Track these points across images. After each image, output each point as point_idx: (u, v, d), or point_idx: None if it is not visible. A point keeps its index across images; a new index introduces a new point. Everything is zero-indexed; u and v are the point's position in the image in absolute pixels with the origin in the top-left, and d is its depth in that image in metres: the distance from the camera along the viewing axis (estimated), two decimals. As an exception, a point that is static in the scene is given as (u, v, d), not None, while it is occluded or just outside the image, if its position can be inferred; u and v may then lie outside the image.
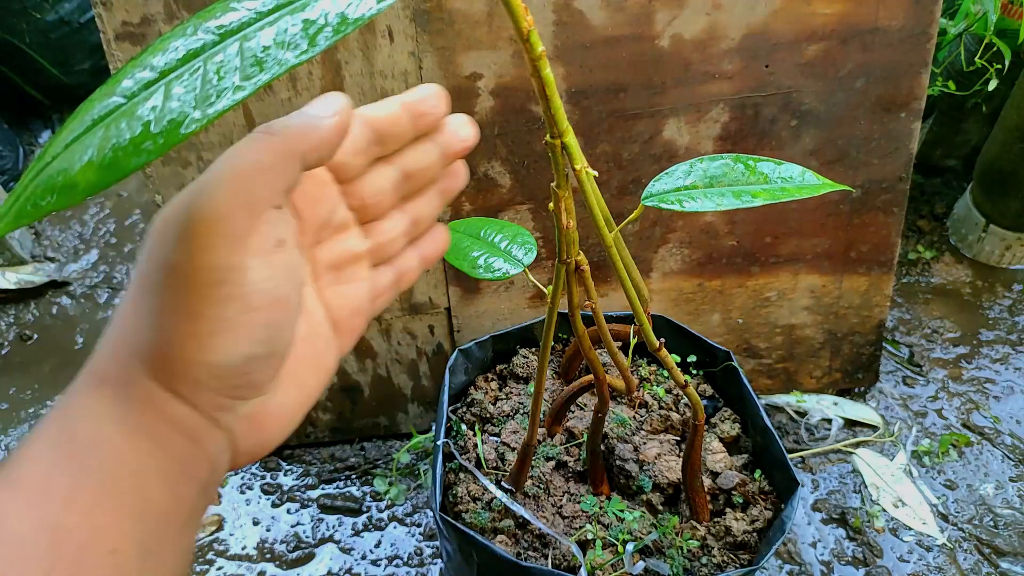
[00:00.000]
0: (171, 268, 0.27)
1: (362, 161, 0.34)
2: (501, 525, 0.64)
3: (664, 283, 0.97)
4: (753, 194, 0.42)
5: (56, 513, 0.25)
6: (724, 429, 0.72)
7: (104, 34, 0.79)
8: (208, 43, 0.23)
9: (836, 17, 0.83)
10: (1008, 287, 1.23)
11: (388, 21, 0.80)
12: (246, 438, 0.31)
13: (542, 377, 0.54)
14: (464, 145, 0.35)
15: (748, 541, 0.64)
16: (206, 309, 0.27)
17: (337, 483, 1.02)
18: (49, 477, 0.25)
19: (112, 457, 0.27)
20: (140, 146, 0.22)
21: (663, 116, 0.87)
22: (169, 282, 0.27)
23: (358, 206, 0.35)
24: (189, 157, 0.85)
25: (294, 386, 0.32)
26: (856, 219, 0.94)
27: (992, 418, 1.06)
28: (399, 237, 0.36)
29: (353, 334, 0.35)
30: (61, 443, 0.26)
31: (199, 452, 0.29)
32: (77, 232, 1.42)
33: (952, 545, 0.93)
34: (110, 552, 0.25)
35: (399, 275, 0.37)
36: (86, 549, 0.25)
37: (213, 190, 0.27)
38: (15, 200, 0.23)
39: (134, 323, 0.28)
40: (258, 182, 0.28)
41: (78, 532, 0.25)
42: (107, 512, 0.26)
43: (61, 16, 1.45)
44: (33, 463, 0.26)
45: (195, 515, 0.29)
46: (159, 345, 0.28)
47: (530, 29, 0.31)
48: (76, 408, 0.28)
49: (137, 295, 0.29)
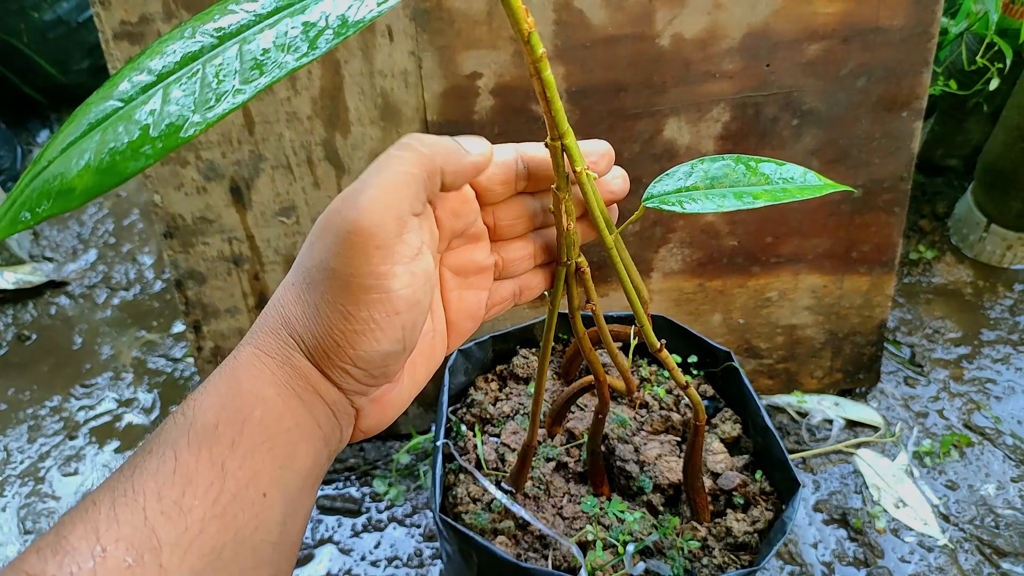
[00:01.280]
0: (331, 272, 0.31)
1: (506, 191, 0.38)
2: (501, 526, 0.64)
3: (665, 283, 0.97)
4: (755, 195, 0.42)
5: (223, 454, 0.29)
6: (725, 430, 0.72)
7: (102, 33, 0.79)
8: (207, 46, 0.23)
9: (837, 16, 0.82)
10: (1009, 287, 1.23)
11: (388, 20, 0.80)
12: (368, 418, 0.35)
13: (542, 378, 0.53)
14: (612, 197, 0.39)
15: (749, 542, 0.63)
16: (358, 311, 0.31)
17: (336, 484, 1.02)
18: (218, 424, 0.30)
19: (271, 414, 0.31)
20: (138, 150, 0.22)
21: (664, 116, 0.87)
22: (329, 284, 0.31)
23: (493, 226, 0.38)
24: (188, 157, 0.85)
25: (410, 376, 0.37)
26: (857, 219, 0.94)
27: (993, 418, 1.06)
28: (526, 258, 0.40)
29: (463, 335, 0.39)
30: (229, 399, 0.30)
31: (336, 423, 0.33)
32: (76, 232, 1.42)
33: (953, 546, 0.93)
34: (261, 495, 0.29)
35: (520, 289, 0.41)
36: (244, 488, 0.29)
37: (369, 204, 0.30)
38: (10, 205, 0.23)
39: (296, 312, 0.32)
40: (406, 193, 0.31)
41: (239, 472, 0.29)
42: (263, 460, 0.30)
43: (59, 15, 1.44)
44: (205, 413, 0.30)
45: (319, 479, 0.34)
46: (318, 336, 0.32)
47: (531, 31, 0.30)
48: (242, 371, 0.32)
49: (301, 288, 0.33)
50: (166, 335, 1.23)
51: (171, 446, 0.29)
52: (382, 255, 0.30)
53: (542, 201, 0.39)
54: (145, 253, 1.37)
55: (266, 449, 0.30)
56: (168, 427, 0.30)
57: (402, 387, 0.36)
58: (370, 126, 0.85)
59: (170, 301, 1.29)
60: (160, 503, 0.27)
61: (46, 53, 1.48)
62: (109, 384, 1.17)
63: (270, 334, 0.33)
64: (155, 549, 0.26)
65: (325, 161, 0.87)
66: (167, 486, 0.27)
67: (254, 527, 0.29)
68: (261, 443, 0.30)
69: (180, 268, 0.92)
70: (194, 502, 0.27)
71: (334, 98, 0.83)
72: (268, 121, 0.84)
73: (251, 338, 0.33)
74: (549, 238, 0.41)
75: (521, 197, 0.39)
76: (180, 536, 0.27)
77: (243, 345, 0.33)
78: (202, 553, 0.27)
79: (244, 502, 0.29)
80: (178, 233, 0.89)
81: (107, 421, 1.12)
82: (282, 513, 0.30)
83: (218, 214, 0.89)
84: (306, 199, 0.89)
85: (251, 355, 0.32)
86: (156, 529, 0.26)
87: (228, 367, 0.32)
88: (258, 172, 0.87)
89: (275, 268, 0.92)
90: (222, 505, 0.28)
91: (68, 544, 0.25)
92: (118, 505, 0.27)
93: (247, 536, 0.29)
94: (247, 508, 0.29)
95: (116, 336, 1.24)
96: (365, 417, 0.35)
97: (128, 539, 0.26)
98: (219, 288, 0.93)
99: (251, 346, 0.33)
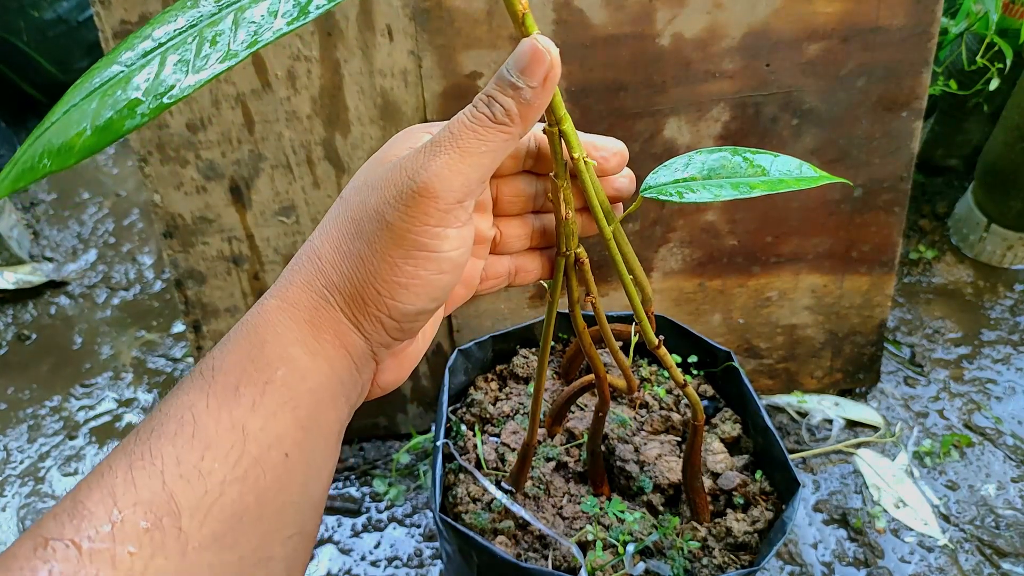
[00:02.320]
0: (386, 223, 0.32)
1: (515, 166, 0.39)
2: (501, 526, 0.64)
3: (665, 283, 0.97)
4: (751, 185, 0.42)
5: (244, 417, 0.29)
6: (725, 430, 0.72)
7: (102, 32, 0.79)
8: (206, 14, 0.24)
9: (837, 16, 0.82)
10: (1010, 287, 1.23)
11: (387, 19, 0.80)
12: (387, 372, 0.36)
13: (542, 377, 0.53)
14: (616, 195, 0.40)
15: (749, 542, 0.63)
16: (406, 265, 0.32)
17: (336, 484, 1.01)
18: (239, 386, 0.29)
19: (294, 375, 0.31)
20: (134, 110, 0.23)
21: (664, 115, 0.87)
22: (381, 235, 0.32)
23: (496, 198, 0.39)
24: (188, 156, 0.85)
25: (422, 337, 0.39)
26: (857, 219, 0.94)
27: (994, 418, 1.06)
28: (523, 237, 0.41)
29: (458, 302, 0.40)
30: (251, 358, 0.30)
31: (357, 379, 0.34)
32: (75, 232, 1.42)
33: (953, 546, 0.93)
34: (284, 456, 0.29)
35: (516, 269, 0.42)
36: (265, 450, 0.29)
37: (442, 169, 0.31)
38: (14, 164, 0.24)
39: (335, 260, 0.33)
40: (480, 170, 0.32)
41: (261, 435, 0.29)
42: (285, 421, 0.30)
43: (59, 14, 1.44)
44: (226, 374, 0.30)
45: (341, 436, 0.34)
46: (359, 284, 0.32)
47: (524, 12, 0.30)
48: (266, 328, 0.32)
49: (345, 237, 0.33)
50: (166, 335, 1.23)
51: (189, 409, 0.28)
52: (441, 217, 0.31)
53: (545, 184, 0.40)
54: (145, 253, 1.37)
55: (289, 410, 0.30)
56: (186, 387, 0.30)
57: (416, 344, 0.38)
58: (370, 125, 0.85)
59: (170, 301, 1.29)
60: (179, 467, 0.27)
61: (46, 51, 1.48)
62: (109, 384, 1.17)
63: (301, 286, 0.33)
64: (174, 513, 0.26)
65: (325, 160, 0.87)
66: (186, 450, 0.27)
67: (277, 489, 0.29)
68: (283, 404, 0.30)
69: (180, 268, 0.91)
70: (214, 465, 0.27)
71: (334, 97, 0.83)
72: (268, 120, 0.84)
73: (277, 290, 0.33)
74: (547, 223, 0.41)
75: (526, 176, 0.39)
76: (200, 500, 0.27)
77: (268, 297, 0.33)
78: (223, 517, 0.27)
79: (266, 464, 0.29)
80: (178, 233, 0.89)
81: (107, 421, 1.12)
82: (304, 474, 0.30)
83: (218, 214, 0.88)
84: (306, 199, 0.89)
85: (276, 308, 0.32)
86: (175, 493, 0.26)
87: (251, 323, 0.32)
88: (258, 171, 0.87)
89: (275, 267, 0.92)
90: (243, 468, 0.28)
91: (85, 508, 0.25)
92: (135, 469, 0.26)
93: (269, 499, 0.29)
94: (269, 471, 0.29)
95: (116, 336, 1.24)
96: (384, 371, 0.36)
97: (146, 503, 0.26)
98: (219, 288, 0.93)
99: (277, 299, 0.33)
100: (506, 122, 0.32)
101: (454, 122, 0.32)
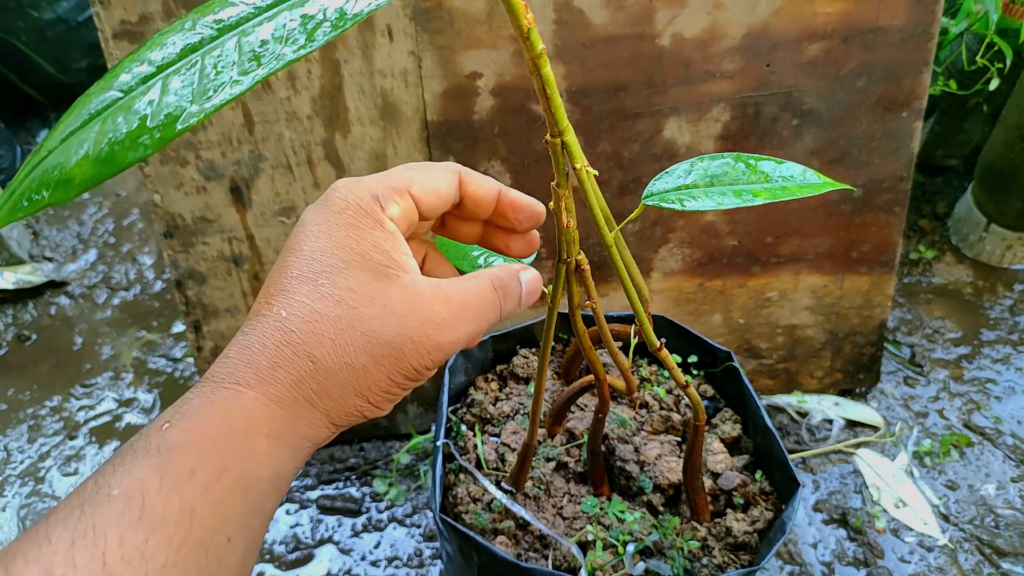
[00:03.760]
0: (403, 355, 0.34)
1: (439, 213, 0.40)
2: (501, 526, 0.64)
3: (665, 283, 0.97)
4: (754, 193, 0.42)
5: (194, 500, 0.29)
6: (725, 430, 0.72)
7: (102, 32, 0.79)
8: (206, 38, 0.23)
9: (837, 16, 0.82)
10: (1009, 287, 1.23)
11: (388, 20, 0.80)
12: None
13: (542, 377, 0.53)
14: (506, 251, 0.41)
15: (749, 542, 0.63)
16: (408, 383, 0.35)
17: (336, 484, 1.01)
18: (196, 469, 0.29)
19: (254, 465, 0.31)
20: (137, 140, 0.22)
21: (664, 115, 0.87)
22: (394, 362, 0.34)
23: None
24: (188, 156, 0.85)
25: None
26: (857, 219, 0.94)
27: (993, 418, 1.06)
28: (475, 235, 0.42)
29: None
30: (214, 442, 0.30)
31: (329, 433, 0.34)
32: (75, 232, 1.42)
33: (953, 546, 0.93)
34: (227, 539, 0.30)
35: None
36: (210, 534, 0.29)
37: (451, 345, 0.35)
38: (10, 195, 0.23)
39: (334, 369, 0.33)
40: (471, 337, 0.36)
41: (208, 520, 0.29)
42: (235, 506, 0.30)
43: (58, 14, 1.44)
44: (183, 454, 0.29)
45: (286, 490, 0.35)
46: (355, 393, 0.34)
47: (530, 27, 0.30)
48: (238, 416, 0.31)
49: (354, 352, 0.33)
50: (166, 335, 1.23)
51: (139, 489, 0.28)
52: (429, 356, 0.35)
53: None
54: (145, 253, 1.37)
55: (239, 495, 0.30)
56: (140, 462, 0.29)
57: None
58: (370, 126, 0.85)
59: (170, 301, 1.29)
60: (122, 548, 0.27)
61: (45, 52, 1.48)
62: (109, 384, 1.17)
63: (289, 387, 0.32)
64: None
65: (325, 161, 0.87)
66: (131, 532, 0.27)
67: (215, 570, 0.29)
68: (237, 490, 0.30)
69: (180, 268, 0.91)
70: (157, 549, 0.27)
71: (334, 98, 0.83)
72: (268, 121, 0.84)
73: (257, 380, 0.32)
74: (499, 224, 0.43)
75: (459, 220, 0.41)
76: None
77: (243, 387, 0.32)
78: None
79: (209, 547, 0.29)
80: (178, 233, 0.89)
81: (107, 421, 1.12)
82: (243, 554, 0.30)
83: (218, 214, 0.88)
84: (306, 199, 0.89)
85: (255, 401, 0.31)
86: (114, 575, 0.26)
87: (220, 405, 0.31)
88: (258, 172, 0.87)
89: (275, 268, 0.92)
90: (185, 551, 0.28)
91: None
92: (77, 547, 0.26)
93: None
94: (210, 552, 0.29)
95: (116, 336, 1.24)
96: None
97: None
98: (219, 288, 0.93)
99: (257, 391, 0.32)
100: None
101: (467, 298, 0.36)
